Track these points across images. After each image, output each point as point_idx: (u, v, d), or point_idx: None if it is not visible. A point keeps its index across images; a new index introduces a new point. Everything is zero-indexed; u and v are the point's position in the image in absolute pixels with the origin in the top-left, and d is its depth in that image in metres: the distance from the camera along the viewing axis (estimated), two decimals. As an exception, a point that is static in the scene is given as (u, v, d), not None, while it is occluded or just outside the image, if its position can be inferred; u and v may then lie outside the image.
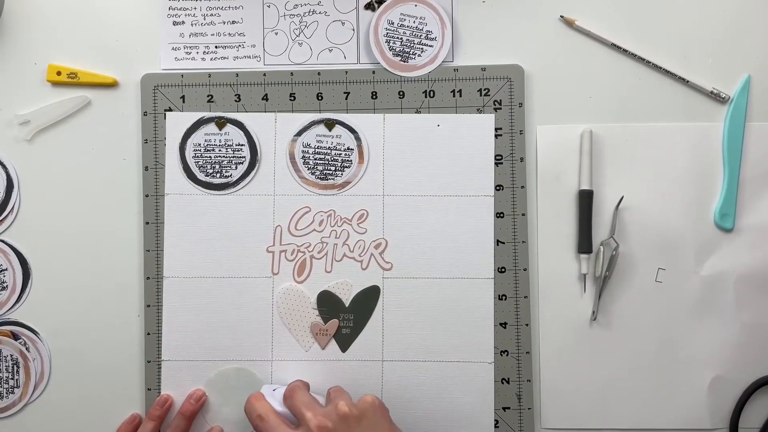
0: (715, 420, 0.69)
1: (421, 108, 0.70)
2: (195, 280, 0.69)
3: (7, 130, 0.70)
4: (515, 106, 0.69)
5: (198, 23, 0.71)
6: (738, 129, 0.69)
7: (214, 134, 0.70)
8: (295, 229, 0.69)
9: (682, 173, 0.69)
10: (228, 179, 0.70)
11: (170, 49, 0.71)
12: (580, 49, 0.70)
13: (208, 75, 0.70)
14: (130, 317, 0.70)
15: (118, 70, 0.71)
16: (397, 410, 0.68)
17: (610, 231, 0.69)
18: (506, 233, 0.69)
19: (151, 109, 0.70)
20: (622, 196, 0.69)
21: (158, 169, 0.70)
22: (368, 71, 0.70)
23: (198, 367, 0.69)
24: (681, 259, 0.69)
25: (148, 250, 0.69)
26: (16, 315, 0.70)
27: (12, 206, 0.70)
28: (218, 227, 0.69)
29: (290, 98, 0.70)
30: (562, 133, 0.69)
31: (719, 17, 0.70)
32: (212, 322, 0.69)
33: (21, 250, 0.70)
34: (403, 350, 0.69)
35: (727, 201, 0.68)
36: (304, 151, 0.70)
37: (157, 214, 0.70)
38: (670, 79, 0.69)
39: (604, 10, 0.70)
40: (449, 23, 0.70)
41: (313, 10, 0.71)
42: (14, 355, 0.70)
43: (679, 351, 0.68)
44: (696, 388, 0.68)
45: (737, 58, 0.69)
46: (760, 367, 0.68)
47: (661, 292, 0.69)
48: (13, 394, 0.70)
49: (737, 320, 0.69)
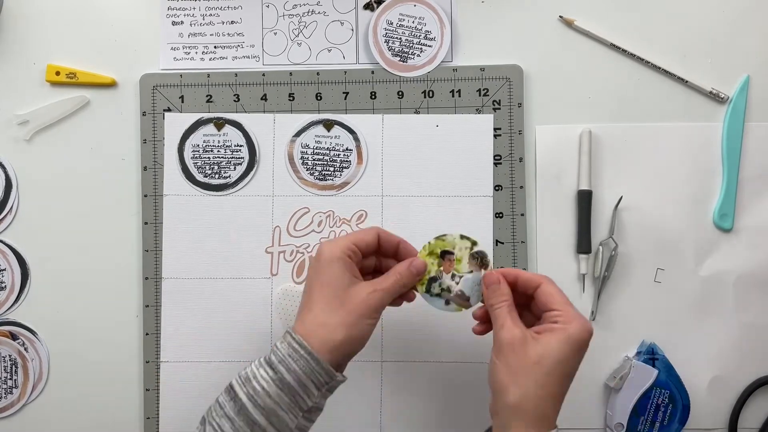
0: (714, 420, 0.69)
1: (420, 108, 0.70)
2: (194, 280, 0.69)
3: (6, 130, 0.70)
4: (514, 106, 0.69)
5: (197, 23, 0.71)
6: (737, 129, 0.69)
7: (213, 135, 0.70)
8: (294, 230, 0.69)
9: (681, 173, 0.69)
10: (227, 180, 0.70)
11: (169, 49, 0.71)
12: (579, 49, 0.70)
13: (207, 75, 0.70)
14: (129, 317, 0.70)
15: (117, 70, 0.71)
16: (396, 410, 0.68)
17: (609, 231, 0.69)
18: (505, 233, 0.69)
19: (149, 109, 0.70)
20: (621, 196, 0.69)
21: (157, 170, 0.70)
22: (367, 71, 0.70)
23: (196, 367, 0.69)
24: (680, 259, 0.69)
25: (147, 250, 0.69)
26: (15, 315, 0.70)
27: (11, 206, 0.70)
28: (217, 228, 0.69)
29: (289, 98, 0.70)
30: (561, 133, 0.69)
31: (719, 17, 0.70)
32: (211, 323, 0.69)
33: (19, 250, 0.70)
34: (402, 350, 0.69)
35: (726, 201, 0.68)
36: (302, 151, 0.70)
37: (156, 215, 0.69)
38: (669, 79, 0.69)
39: (604, 10, 0.70)
40: (448, 23, 0.70)
41: (312, 11, 0.71)
42: (12, 355, 0.70)
43: (679, 351, 0.68)
44: (695, 388, 0.68)
45: (736, 58, 0.69)
46: (760, 367, 0.68)
47: (660, 292, 0.69)
48: (11, 394, 0.70)
49: (736, 320, 0.69)
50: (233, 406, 0.52)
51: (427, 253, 0.59)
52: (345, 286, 0.55)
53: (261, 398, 0.52)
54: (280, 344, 0.53)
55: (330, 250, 0.55)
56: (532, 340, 0.52)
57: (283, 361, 0.52)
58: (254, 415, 0.51)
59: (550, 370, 0.51)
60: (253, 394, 0.52)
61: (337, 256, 0.55)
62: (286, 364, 0.52)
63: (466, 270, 0.58)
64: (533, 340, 0.52)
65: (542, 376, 0.51)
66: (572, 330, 0.52)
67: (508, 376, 0.52)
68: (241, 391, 0.52)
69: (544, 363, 0.51)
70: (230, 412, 0.52)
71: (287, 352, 0.53)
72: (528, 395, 0.51)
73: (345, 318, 0.53)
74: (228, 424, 0.52)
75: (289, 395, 0.52)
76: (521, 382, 0.51)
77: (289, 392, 0.52)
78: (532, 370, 0.51)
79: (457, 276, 0.58)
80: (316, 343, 0.53)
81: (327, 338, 0.53)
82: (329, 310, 0.54)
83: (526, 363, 0.51)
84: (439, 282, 0.58)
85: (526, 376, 0.51)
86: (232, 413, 0.52)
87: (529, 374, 0.51)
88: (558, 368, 0.51)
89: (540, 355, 0.51)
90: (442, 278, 0.58)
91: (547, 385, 0.51)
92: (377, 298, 0.55)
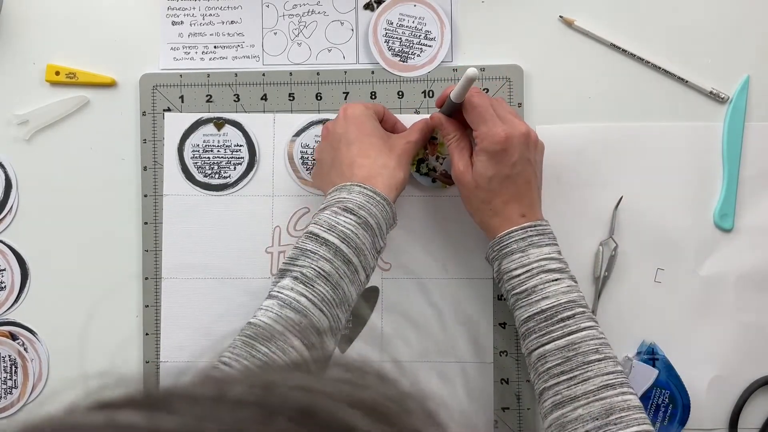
0: (714, 420, 0.68)
1: (420, 108, 0.70)
2: (193, 280, 0.69)
3: (6, 130, 0.70)
4: (514, 106, 0.69)
5: (197, 23, 0.71)
6: (737, 129, 0.69)
7: (213, 135, 0.70)
8: (294, 230, 0.69)
9: (681, 173, 0.69)
10: (226, 180, 0.70)
11: (169, 48, 0.71)
12: (579, 49, 0.70)
13: (207, 75, 0.70)
14: (129, 318, 0.70)
15: (116, 70, 0.71)
16: (396, 411, 0.68)
17: (609, 231, 0.69)
18: (505, 233, 0.69)
19: (149, 109, 0.70)
20: (621, 196, 0.68)
21: (157, 170, 0.70)
22: (367, 71, 0.70)
23: (196, 367, 0.69)
24: (680, 259, 0.69)
25: (147, 250, 0.69)
26: (14, 315, 0.70)
27: (10, 206, 0.70)
28: (217, 228, 0.69)
29: (289, 98, 0.70)
30: (561, 133, 0.69)
31: (719, 17, 0.70)
32: (211, 323, 0.69)
33: (19, 250, 0.70)
34: (401, 351, 0.69)
35: (726, 201, 0.68)
36: (302, 151, 0.70)
37: (156, 215, 0.69)
38: (669, 79, 0.69)
39: (604, 10, 0.70)
40: (448, 23, 0.70)
41: (312, 10, 0.71)
42: (12, 355, 0.70)
43: (679, 351, 0.68)
44: (695, 388, 0.68)
45: (736, 58, 0.69)
46: (760, 367, 0.68)
47: (660, 292, 0.69)
48: (11, 394, 0.70)
49: (737, 320, 0.68)
50: (327, 249, 0.56)
51: None
52: (386, 136, 0.63)
53: (352, 240, 0.56)
54: (348, 195, 0.58)
55: (359, 108, 0.63)
56: (469, 167, 0.60)
57: (363, 207, 0.57)
58: (349, 255, 0.56)
59: (487, 186, 0.59)
60: (344, 237, 0.56)
61: (369, 113, 0.63)
62: (367, 209, 0.57)
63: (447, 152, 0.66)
64: (470, 168, 0.60)
65: (484, 193, 0.60)
66: (485, 146, 0.59)
67: (467, 203, 0.62)
68: (331, 236, 0.56)
69: (480, 183, 0.60)
70: (326, 254, 0.56)
71: (363, 199, 0.58)
72: (483, 212, 0.61)
73: (398, 160, 0.61)
74: (328, 265, 0.55)
75: (371, 236, 0.58)
76: (475, 205, 0.61)
77: (372, 234, 0.57)
78: (475, 193, 0.60)
79: (441, 157, 0.68)
80: (381, 185, 0.59)
81: (390, 179, 0.60)
82: (385, 155, 0.61)
83: (470, 189, 0.60)
84: (426, 163, 0.68)
85: (475, 200, 0.61)
86: (330, 255, 0.56)
87: (475, 198, 0.60)
88: (492, 182, 0.59)
89: (475, 180, 0.60)
90: (429, 160, 0.68)
91: (491, 199, 0.60)
92: (411, 149, 0.63)
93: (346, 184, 0.59)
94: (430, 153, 0.68)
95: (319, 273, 0.55)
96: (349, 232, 0.56)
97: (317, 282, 0.55)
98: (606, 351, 0.56)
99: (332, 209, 0.57)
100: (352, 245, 0.56)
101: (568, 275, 0.59)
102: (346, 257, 0.56)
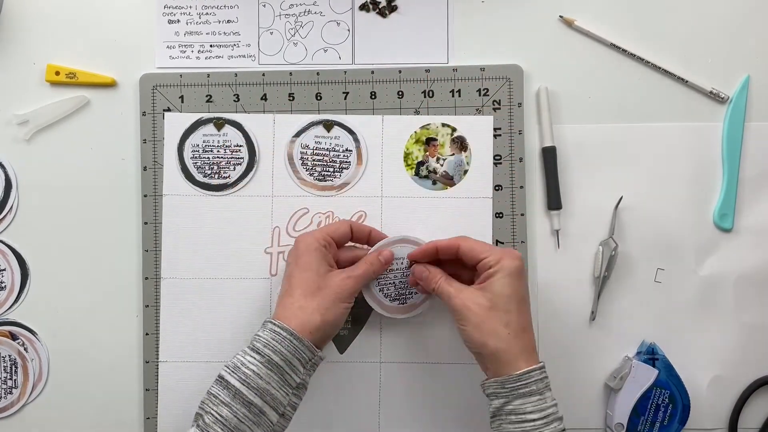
0: (714, 420, 0.69)
1: (420, 108, 0.70)
2: (193, 280, 0.69)
3: (6, 130, 0.70)
4: (514, 106, 0.69)
5: (193, 22, 0.71)
6: (737, 129, 0.68)
7: (213, 135, 0.70)
8: (293, 231, 0.69)
9: (681, 173, 0.69)
10: (226, 180, 0.70)
11: (165, 47, 0.71)
12: (579, 49, 0.70)
13: (207, 75, 0.70)
14: (129, 317, 0.70)
15: (116, 70, 0.71)
16: (395, 411, 0.68)
17: (610, 231, 0.69)
18: (505, 233, 0.69)
19: (149, 109, 0.70)
20: (621, 196, 0.68)
21: (157, 170, 0.70)
22: (367, 71, 0.70)
23: (196, 367, 0.69)
24: (680, 259, 0.69)
25: (147, 250, 0.69)
26: (15, 315, 0.70)
27: (10, 206, 0.70)
28: (216, 228, 0.69)
29: (289, 98, 0.70)
30: (561, 133, 0.69)
31: (719, 17, 0.70)
32: (210, 323, 0.69)
33: (19, 250, 0.70)
34: (401, 351, 0.69)
35: (726, 201, 0.68)
36: (302, 152, 0.70)
37: (156, 215, 0.70)
38: (669, 79, 0.69)
39: (604, 10, 0.70)
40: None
41: (308, 10, 0.71)
42: (12, 355, 0.70)
43: (679, 351, 0.68)
44: (695, 388, 0.68)
45: (736, 58, 0.69)
46: (760, 367, 0.68)
47: (660, 292, 0.69)
48: (11, 394, 0.70)
49: (737, 320, 0.68)
50: (227, 393, 0.55)
51: (414, 141, 0.67)
52: (321, 274, 0.60)
53: (253, 381, 0.55)
54: (262, 332, 0.57)
55: (307, 241, 0.61)
56: (479, 291, 0.58)
57: (268, 345, 0.56)
58: (250, 397, 0.55)
59: (506, 307, 0.57)
60: (245, 378, 0.55)
61: (314, 247, 0.61)
62: (272, 347, 0.56)
63: (448, 153, 0.67)
64: (480, 291, 0.58)
65: (503, 314, 0.57)
66: (505, 264, 0.57)
67: (477, 332, 0.57)
68: (233, 378, 0.55)
69: (498, 304, 0.57)
70: (226, 398, 0.55)
71: (270, 336, 0.57)
72: (501, 337, 0.56)
73: (321, 302, 0.58)
74: (226, 409, 0.55)
75: (278, 374, 0.56)
76: (490, 329, 0.56)
77: (278, 371, 0.56)
78: (491, 315, 0.57)
79: (441, 159, 0.67)
80: (295, 325, 0.57)
81: (306, 321, 0.57)
82: (307, 295, 0.59)
83: (484, 313, 0.57)
84: (426, 165, 0.68)
85: (491, 323, 0.57)
86: (228, 399, 0.55)
87: (492, 320, 0.57)
88: (511, 302, 0.57)
89: (491, 300, 0.57)
90: (428, 162, 0.67)
91: (511, 321, 0.57)
92: (350, 284, 0.60)
93: (268, 320, 0.58)
94: (430, 155, 0.67)
95: (217, 419, 0.54)
96: (251, 373, 0.55)
97: (214, 429, 0.54)
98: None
99: (244, 348, 0.57)
100: (253, 386, 0.55)
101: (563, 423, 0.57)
102: (246, 399, 0.54)
